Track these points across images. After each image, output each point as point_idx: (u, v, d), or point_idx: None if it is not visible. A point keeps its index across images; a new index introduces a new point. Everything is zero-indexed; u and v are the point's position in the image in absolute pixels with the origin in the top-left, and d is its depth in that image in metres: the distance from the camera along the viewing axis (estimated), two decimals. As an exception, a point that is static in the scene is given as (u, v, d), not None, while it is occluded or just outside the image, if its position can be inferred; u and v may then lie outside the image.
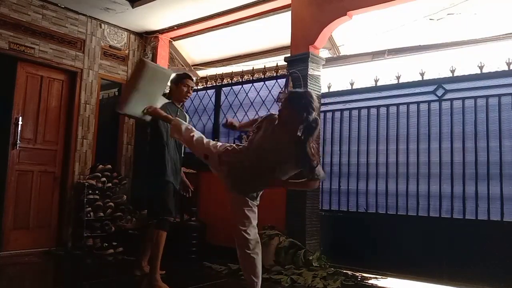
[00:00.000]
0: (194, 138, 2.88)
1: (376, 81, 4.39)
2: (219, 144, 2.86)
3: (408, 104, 4.16)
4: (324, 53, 4.92)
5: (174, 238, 4.15)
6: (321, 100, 4.63)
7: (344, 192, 4.46)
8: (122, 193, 5.44)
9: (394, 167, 4.16)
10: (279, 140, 2.56)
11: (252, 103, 5.09)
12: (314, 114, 2.50)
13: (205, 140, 2.88)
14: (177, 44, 6.29)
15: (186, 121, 3.73)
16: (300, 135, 2.47)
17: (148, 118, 3.49)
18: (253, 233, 2.69)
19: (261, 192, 2.80)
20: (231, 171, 2.73)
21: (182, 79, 3.76)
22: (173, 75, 3.81)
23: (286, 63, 4.64)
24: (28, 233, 4.91)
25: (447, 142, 3.89)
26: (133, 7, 5.19)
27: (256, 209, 2.76)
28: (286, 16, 4.83)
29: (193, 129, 3.00)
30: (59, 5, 5.19)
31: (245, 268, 2.69)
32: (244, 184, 2.71)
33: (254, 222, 2.72)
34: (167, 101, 3.69)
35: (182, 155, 3.78)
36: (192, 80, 3.88)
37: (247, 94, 5.15)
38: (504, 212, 3.55)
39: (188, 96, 3.83)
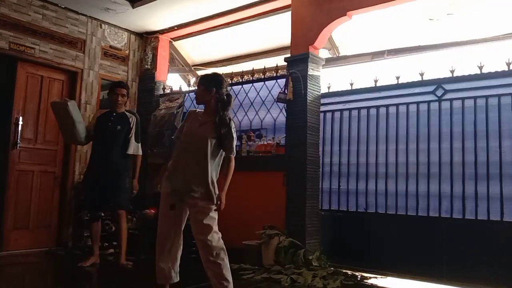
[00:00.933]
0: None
1: (375, 81, 4.39)
2: None
3: (407, 104, 4.16)
4: (324, 53, 4.92)
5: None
6: (321, 100, 4.64)
7: (344, 192, 4.46)
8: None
9: (394, 167, 4.17)
10: (203, 120, 2.75)
11: (252, 103, 5.09)
12: (225, 90, 2.77)
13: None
14: (177, 44, 6.30)
15: (128, 125, 4.10)
16: (219, 111, 2.70)
17: (83, 142, 4.26)
18: (215, 239, 2.60)
19: (215, 193, 2.66)
20: (168, 176, 2.75)
21: (112, 88, 4.18)
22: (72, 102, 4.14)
23: (286, 63, 4.65)
24: (28, 233, 4.91)
25: (447, 142, 3.89)
26: (133, 7, 5.19)
27: (215, 214, 2.66)
28: (286, 16, 4.83)
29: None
30: (59, 5, 5.20)
31: (213, 276, 2.60)
32: (178, 180, 2.68)
33: (215, 227, 2.64)
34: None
35: (118, 159, 4.14)
36: (123, 87, 4.18)
37: (247, 94, 5.15)
38: (504, 212, 3.55)
39: (120, 103, 4.14)
